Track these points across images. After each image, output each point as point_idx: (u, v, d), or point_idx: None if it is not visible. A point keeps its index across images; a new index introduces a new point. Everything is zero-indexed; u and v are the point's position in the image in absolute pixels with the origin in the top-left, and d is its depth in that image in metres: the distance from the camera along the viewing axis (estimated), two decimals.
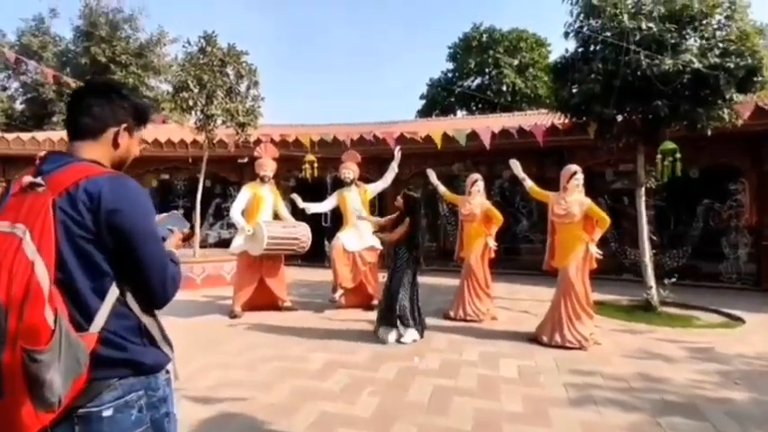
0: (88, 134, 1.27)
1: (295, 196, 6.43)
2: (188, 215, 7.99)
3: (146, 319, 1.26)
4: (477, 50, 23.25)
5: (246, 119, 8.89)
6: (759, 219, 8.82)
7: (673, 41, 5.72)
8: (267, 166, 6.30)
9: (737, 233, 9.03)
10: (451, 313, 5.97)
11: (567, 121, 7.36)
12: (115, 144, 1.30)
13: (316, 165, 9.95)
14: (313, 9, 57.75)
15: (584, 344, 4.62)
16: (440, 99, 24.96)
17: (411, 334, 4.86)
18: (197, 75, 8.38)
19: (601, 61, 6.04)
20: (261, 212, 6.18)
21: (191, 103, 8.33)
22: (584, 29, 6.35)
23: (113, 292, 1.19)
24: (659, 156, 6.49)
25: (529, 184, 5.28)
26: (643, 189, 6.80)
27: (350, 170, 6.53)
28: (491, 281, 6.08)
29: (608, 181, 10.24)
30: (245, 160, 10.64)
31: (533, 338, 4.94)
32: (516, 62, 22.99)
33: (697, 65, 5.50)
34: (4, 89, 18.60)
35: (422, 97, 26.10)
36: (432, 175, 6.41)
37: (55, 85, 11.61)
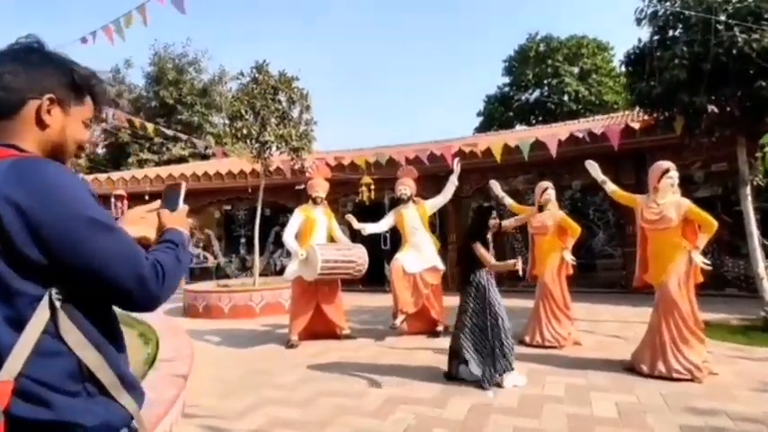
0: (1, 111, 0.94)
1: (350, 217, 6.11)
2: (249, 243, 7.86)
3: (89, 355, 0.88)
4: (534, 61, 22.42)
5: (300, 143, 8.84)
6: None
7: None
8: (319, 187, 6.06)
9: None
10: (527, 338, 5.30)
11: (646, 117, 6.57)
12: (39, 122, 0.96)
13: (373, 187, 9.69)
14: (365, 38, 59.28)
15: (696, 374, 3.81)
16: (497, 114, 24.21)
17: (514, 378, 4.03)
18: (250, 103, 8.47)
19: (685, 44, 5.29)
20: (314, 235, 5.92)
21: (245, 131, 8.40)
22: (661, 11, 5.64)
23: (38, 320, 0.83)
24: (763, 150, 5.54)
25: (611, 187, 4.59)
26: (749, 188, 5.81)
27: (406, 186, 6.13)
28: (570, 300, 5.35)
29: (698, 184, 9.09)
30: (303, 186, 10.60)
31: (630, 368, 4.17)
32: (577, 69, 21.87)
33: None
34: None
35: (479, 114, 25.50)
36: (495, 186, 5.86)
37: (129, 128, 12.31)
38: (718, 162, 8.55)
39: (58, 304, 0.85)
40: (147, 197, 12.00)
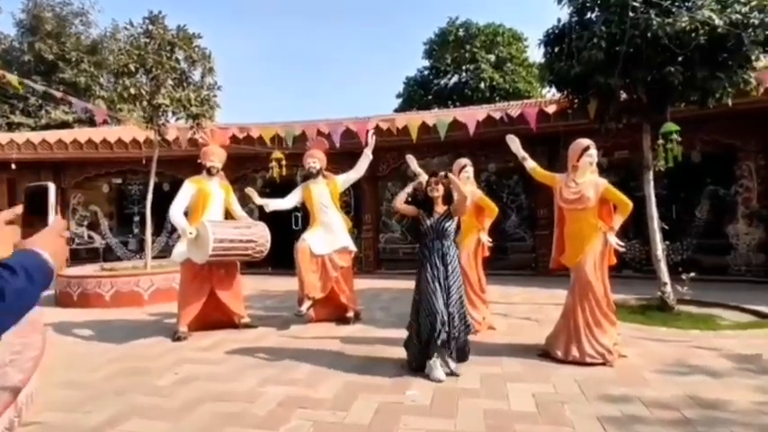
0: None
1: (250, 191, 5.39)
2: (142, 222, 6.77)
3: None
4: (453, 46, 22.53)
5: (200, 109, 7.82)
6: None
7: None
8: (214, 156, 5.25)
9: (745, 221, 8.35)
10: None
11: (562, 100, 6.55)
12: None
13: (284, 162, 8.93)
14: (288, 13, 56.53)
15: (608, 358, 3.72)
16: (417, 97, 24.13)
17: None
18: (141, 58, 7.28)
19: (603, 24, 5.21)
20: (208, 211, 5.13)
21: (133, 91, 7.22)
22: None
23: None
24: (660, 140, 5.72)
25: (531, 164, 4.37)
26: (651, 173, 5.99)
27: (315, 159, 5.53)
28: (486, 284, 5.15)
29: (603, 170, 9.49)
30: None
31: (544, 353, 4.01)
32: (493, 57, 22.35)
33: (717, 21, 4.70)
34: None
35: (398, 96, 25.27)
36: (412, 162, 5.45)
37: (10, 86, 10.27)
38: (621, 150, 8.95)
39: None
40: (13, 166, 10.17)
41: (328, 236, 5.44)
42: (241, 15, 58.02)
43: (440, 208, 3.83)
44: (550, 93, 7.25)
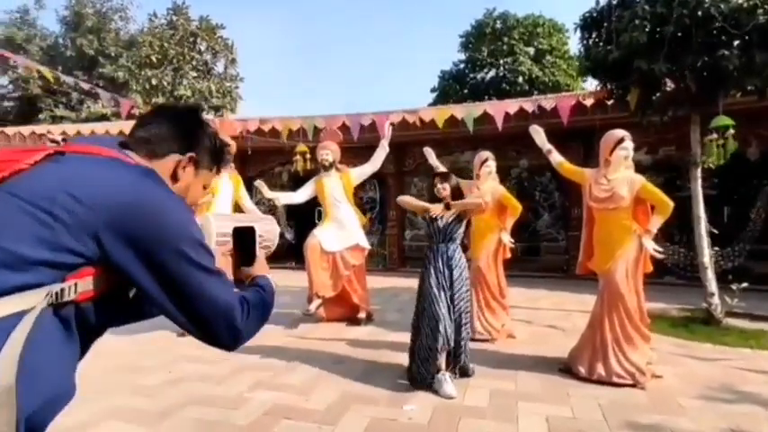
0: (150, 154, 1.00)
1: (260, 183, 5.19)
2: None
3: None
4: (490, 38, 21.78)
5: (222, 101, 7.74)
6: None
7: None
8: None
9: None
10: None
11: (599, 89, 6.01)
12: (174, 175, 1.04)
13: (308, 156, 8.74)
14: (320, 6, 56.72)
15: (639, 378, 3.26)
16: (452, 92, 23.52)
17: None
18: (162, 49, 7.25)
19: (647, 3, 4.68)
20: (216, 204, 4.96)
21: (154, 82, 7.19)
22: None
23: None
24: (712, 135, 5.11)
25: (557, 158, 3.93)
26: (699, 170, 5.38)
27: (328, 151, 5.27)
28: (506, 288, 4.75)
29: (645, 168, 8.80)
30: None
31: (566, 368, 3.59)
32: (533, 50, 21.48)
33: None
34: None
35: (432, 90, 24.74)
36: (430, 155, 5.11)
37: (40, 80, 10.61)
38: (667, 146, 8.25)
39: None
40: None
41: (340, 232, 5.17)
42: (273, 5, 58.73)
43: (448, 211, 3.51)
44: (588, 84, 6.72)
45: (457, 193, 3.51)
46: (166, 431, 2.70)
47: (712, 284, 5.14)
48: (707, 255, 5.25)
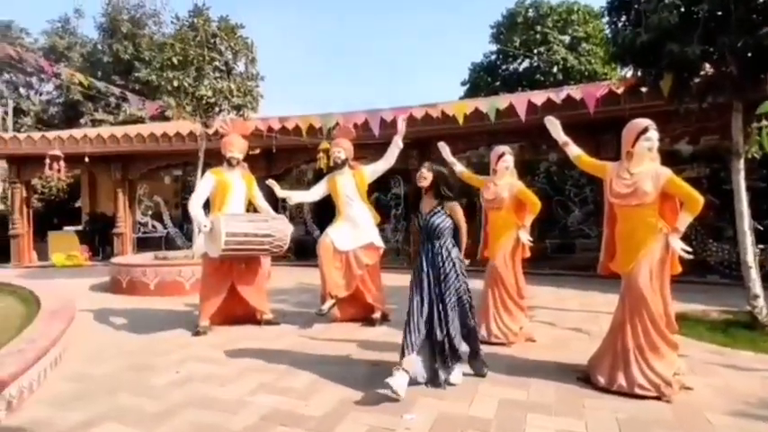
0: None
1: (272, 182, 5.15)
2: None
3: None
4: (523, 28, 21.12)
5: (243, 100, 7.78)
6: None
7: None
8: (234, 146, 5.05)
9: None
10: None
11: (629, 76, 5.63)
12: None
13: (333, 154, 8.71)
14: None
15: (664, 390, 2.99)
16: (483, 84, 23.01)
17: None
18: (183, 51, 7.35)
19: None
20: (229, 204, 4.96)
21: (176, 83, 7.31)
22: None
23: None
24: (761, 122, 4.67)
25: (575, 151, 3.66)
26: (742, 161, 4.94)
27: (341, 148, 5.16)
28: (525, 287, 4.51)
29: (684, 160, 8.26)
30: (257, 151, 9.57)
31: (585, 377, 3.35)
32: (567, 38, 20.67)
33: None
34: (39, 93, 18.92)
35: (463, 83, 24.28)
36: (444, 150, 4.92)
37: (80, 86, 11.04)
38: (708, 134, 7.70)
39: None
40: (86, 159, 10.88)
41: (354, 231, 5.06)
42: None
43: (429, 202, 3.34)
44: (620, 71, 6.32)
45: (441, 184, 3.32)
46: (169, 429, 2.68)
47: (756, 285, 4.72)
48: (750, 253, 4.83)
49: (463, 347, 3.32)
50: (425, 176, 3.31)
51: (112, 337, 4.86)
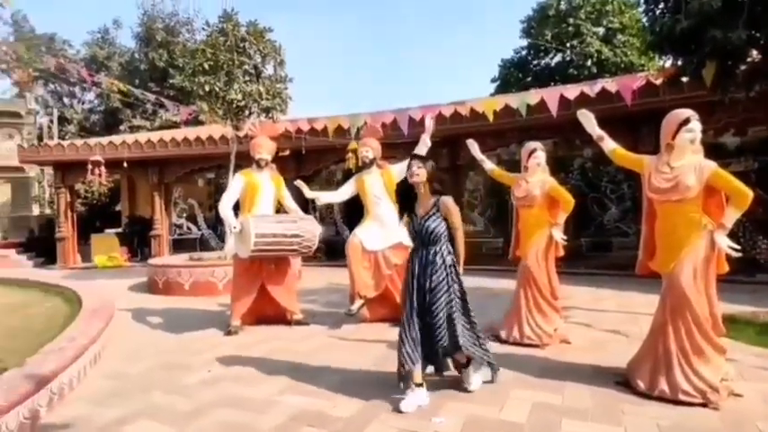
0: None
1: (300, 183, 5.18)
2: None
3: None
4: (554, 21, 20.57)
5: (272, 103, 7.87)
6: None
7: None
8: (263, 148, 5.10)
9: None
10: (503, 333, 4.35)
11: (668, 65, 5.38)
12: None
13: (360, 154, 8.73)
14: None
15: (711, 396, 2.81)
16: (513, 80, 22.56)
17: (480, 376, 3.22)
18: (213, 56, 7.50)
19: None
20: (258, 205, 5.02)
21: (207, 88, 7.47)
22: None
23: None
24: None
25: (610, 145, 3.50)
26: None
27: (368, 148, 5.14)
28: (558, 287, 4.36)
29: (730, 153, 7.83)
30: (286, 152, 9.68)
31: (624, 381, 3.20)
32: (602, 30, 20.00)
33: None
34: (81, 102, 19.89)
35: (493, 80, 23.87)
36: (474, 148, 4.82)
37: (118, 93, 11.52)
38: (756, 125, 7.28)
39: None
40: (125, 164, 11.28)
41: (382, 230, 5.03)
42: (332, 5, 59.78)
43: (424, 202, 3.03)
44: (658, 60, 6.04)
45: (434, 181, 3.05)
46: (197, 428, 2.72)
47: None
48: None
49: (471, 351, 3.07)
50: (417, 173, 2.99)
51: (149, 337, 5.00)
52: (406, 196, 3.15)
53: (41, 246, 13.81)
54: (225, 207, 4.90)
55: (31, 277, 9.42)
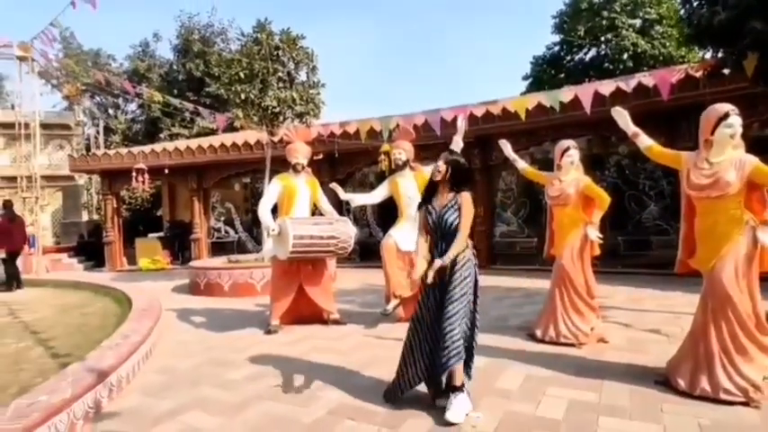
0: None
1: (335, 186, 5.33)
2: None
3: None
4: (587, 15, 20.13)
5: (305, 108, 8.09)
6: None
7: None
8: (299, 153, 5.27)
9: None
10: (538, 332, 4.36)
11: (707, 58, 5.23)
12: None
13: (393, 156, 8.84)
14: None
15: (753, 396, 2.76)
16: (546, 77, 22.21)
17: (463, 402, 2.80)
18: (249, 65, 7.78)
19: None
20: (295, 208, 5.19)
21: (243, 96, 7.75)
22: None
23: None
24: None
25: (646, 142, 3.46)
26: None
27: (401, 150, 5.25)
28: (595, 286, 4.32)
29: None
30: (320, 156, 9.91)
31: (663, 380, 3.17)
32: (638, 21, 19.43)
33: None
34: (124, 112, 20.92)
35: (524, 78, 23.56)
36: (506, 147, 4.84)
37: (158, 103, 12.08)
38: None
39: None
40: (166, 171, 11.79)
41: (416, 231, 5.10)
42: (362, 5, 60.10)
43: (444, 196, 2.97)
44: (698, 53, 5.85)
45: (458, 175, 2.96)
46: (240, 422, 2.87)
47: None
48: None
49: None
50: (440, 169, 2.96)
51: (194, 335, 5.25)
52: (429, 190, 3.11)
53: (90, 250, 14.60)
54: (263, 211, 5.09)
55: (82, 279, 10.01)
